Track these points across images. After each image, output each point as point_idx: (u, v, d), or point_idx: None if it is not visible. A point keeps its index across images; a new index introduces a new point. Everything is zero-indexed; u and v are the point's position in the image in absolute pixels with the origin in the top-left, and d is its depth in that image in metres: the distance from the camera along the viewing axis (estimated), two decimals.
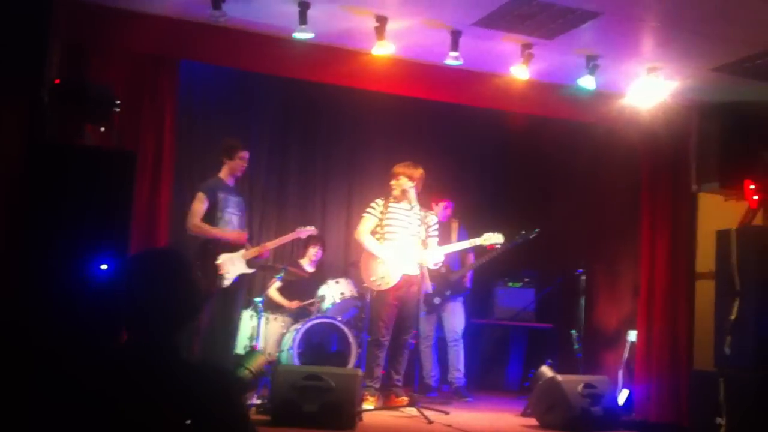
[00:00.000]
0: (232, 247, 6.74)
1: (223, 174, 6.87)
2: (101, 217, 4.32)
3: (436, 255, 6.85)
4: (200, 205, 6.67)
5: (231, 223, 6.79)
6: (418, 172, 6.86)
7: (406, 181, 6.79)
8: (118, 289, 2.39)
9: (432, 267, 6.77)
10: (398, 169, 6.88)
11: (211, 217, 6.68)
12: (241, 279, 6.80)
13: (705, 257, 7.26)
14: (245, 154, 6.93)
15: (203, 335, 6.63)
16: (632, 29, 5.95)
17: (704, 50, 6.23)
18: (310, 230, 7.74)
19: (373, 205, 6.97)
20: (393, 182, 6.87)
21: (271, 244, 7.41)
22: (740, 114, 7.41)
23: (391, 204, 6.88)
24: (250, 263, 6.89)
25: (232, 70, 8.15)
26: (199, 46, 6.39)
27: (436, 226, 7.01)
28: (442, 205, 7.83)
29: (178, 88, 6.54)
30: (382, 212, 6.87)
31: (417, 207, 6.79)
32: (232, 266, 6.69)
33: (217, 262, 6.61)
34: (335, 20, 6.03)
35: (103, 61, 6.00)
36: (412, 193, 6.77)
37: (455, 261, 7.77)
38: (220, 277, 6.59)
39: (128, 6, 5.95)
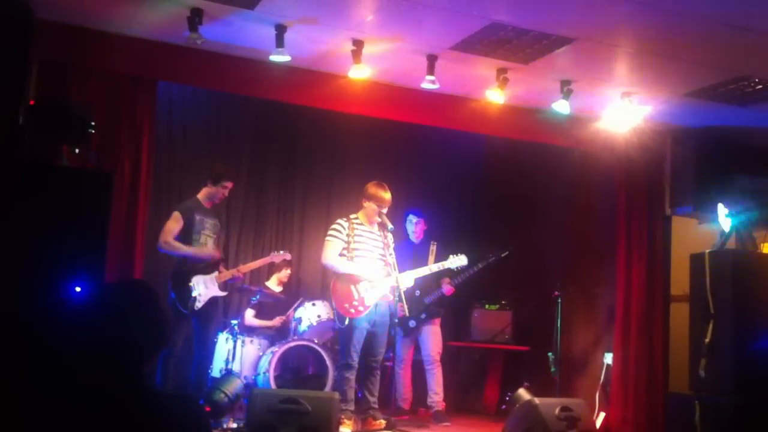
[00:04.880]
0: (205, 269, 6.71)
1: (201, 196, 6.85)
2: (77, 238, 4.31)
3: (407, 279, 6.82)
4: (175, 224, 6.63)
5: (206, 246, 6.76)
6: (389, 195, 6.76)
7: (373, 206, 6.72)
8: (90, 319, 2.38)
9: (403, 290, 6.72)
10: (381, 196, 6.74)
11: (186, 237, 6.65)
12: (214, 301, 6.76)
13: (679, 280, 7.31)
14: (230, 184, 6.92)
15: (177, 358, 6.58)
16: (606, 55, 6.02)
17: (678, 76, 6.32)
18: (283, 255, 7.71)
19: (336, 227, 6.76)
20: (375, 206, 6.72)
21: (245, 268, 7.37)
22: (714, 138, 7.51)
23: (356, 225, 6.76)
24: (223, 286, 6.86)
25: (211, 92, 8.17)
26: (177, 67, 6.41)
27: (392, 244, 6.84)
28: (410, 219, 7.81)
29: (155, 109, 6.54)
30: (348, 234, 6.72)
31: (376, 227, 6.77)
32: (205, 288, 6.66)
33: (190, 284, 6.58)
34: (312, 43, 6.07)
35: (81, 82, 6.00)
36: (383, 217, 6.74)
37: (430, 284, 7.75)
38: (193, 299, 6.55)
39: (107, 28, 5.97)
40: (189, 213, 6.68)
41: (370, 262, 6.71)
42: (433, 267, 7.10)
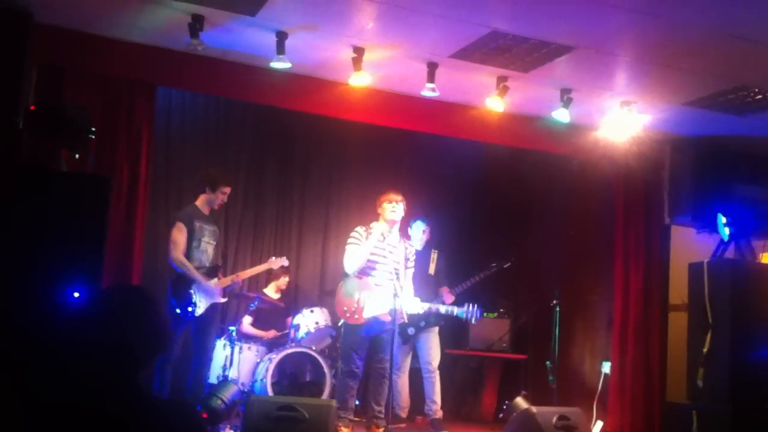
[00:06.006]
0: (205, 276, 6.69)
1: (200, 203, 6.82)
2: (75, 243, 4.30)
3: (413, 306, 6.76)
4: (181, 235, 6.58)
5: (206, 253, 6.74)
6: (400, 197, 6.74)
7: (396, 206, 6.69)
8: (87, 323, 2.37)
9: (407, 313, 6.69)
10: (387, 195, 6.74)
11: (186, 245, 6.63)
12: (213, 308, 6.74)
13: (678, 289, 7.31)
14: (227, 189, 6.88)
15: (175, 364, 6.55)
16: (605, 63, 6.03)
17: (677, 84, 6.33)
18: (282, 261, 7.70)
19: (355, 235, 6.74)
20: (386, 205, 6.69)
21: (244, 274, 7.34)
22: (712, 148, 7.52)
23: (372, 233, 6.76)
24: (222, 292, 6.83)
25: (210, 97, 8.18)
26: (177, 73, 6.41)
27: (414, 258, 6.89)
28: (416, 226, 7.76)
29: (154, 114, 6.53)
30: (362, 247, 6.70)
31: (397, 236, 6.75)
32: (205, 295, 6.64)
33: (190, 290, 6.56)
34: (313, 50, 6.07)
35: (81, 86, 6.01)
36: (397, 224, 6.73)
37: (429, 292, 7.72)
38: (194, 305, 6.53)
39: (107, 33, 5.97)
40: (189, 221, 6.66)
41: (381, 276, 6.65)
42: (441, 308, 7.08)
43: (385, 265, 6.64)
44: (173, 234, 6.60)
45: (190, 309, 6.50)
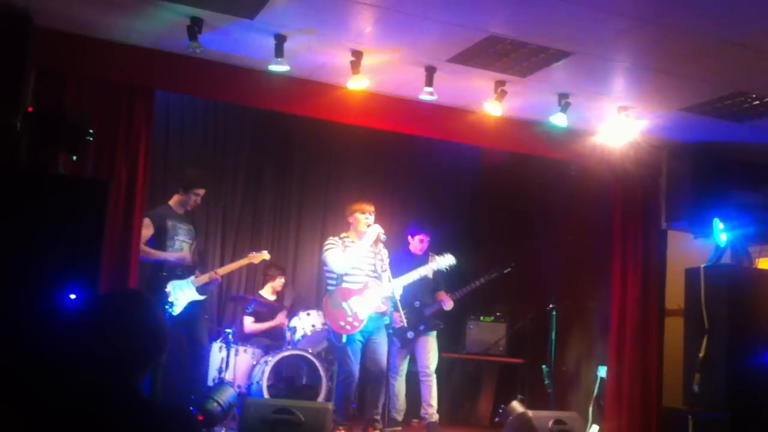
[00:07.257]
0: (181, 274, 6.67)
1: (173, 202, 6.82)
2: (72, 247, 4.30)
3: (395, 288, 6.79)
4: (144, 230, 6.56)
5: (181, 251, 6.73)
6: (372, 209, 6.90)
7: (369, 217, 6.82)
8: (87, 328, 2.37)
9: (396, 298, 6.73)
10: (360, 206, 6.89)
11: (160, 244, 6.62)
12: (195, 305, 6.69)
13: (674, 294, 7.32)
14: (201, 191, 6.86)
15: (165, 366, 6.49)
16: (603, 69, 6.04)
17: (674, 91, 6.34)
18: (262, 255, 7.60)
19: (331, 241, 6.88)
20: (359, 215, 6.84)
21: (223, 271, 7.31)
22: (710, 153, 7.53)
23: (348, 243, 6.83)
24: (201, 290, 6.80)
25: (208, 100, 8.18)
26: (176, 76, 6.40)
27: (388, 261, 6.91)
28: (418, 238, 7.76)
29: (153, 118, 6.53)
30: (341, 251, 6.80)
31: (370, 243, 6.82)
32: (182, 293, 6.61)
33: (166, 289, 6.53)
34: (311, 54, 6.07)
35: (79, 89, 5.99)
36: (371, 230, 6.79)
37: (428, 296, 7.73)
38: (170, 305, 6.50)
39: (106, 36, 5.97)
40: (160, 219, 6.66)
41: (361, 280, 6.72)
42: (421, 270, 7.10)
43: (361, 270, 6.80)
44: None
45: (167, 308, 6.47)
